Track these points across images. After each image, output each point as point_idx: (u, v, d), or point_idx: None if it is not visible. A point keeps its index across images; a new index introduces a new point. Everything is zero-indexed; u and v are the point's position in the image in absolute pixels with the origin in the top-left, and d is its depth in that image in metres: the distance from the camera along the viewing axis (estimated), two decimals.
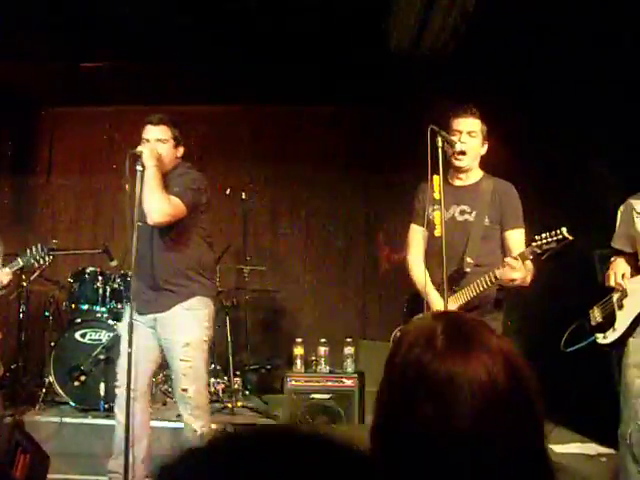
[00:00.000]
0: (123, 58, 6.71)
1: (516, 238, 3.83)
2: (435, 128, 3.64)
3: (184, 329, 4.15)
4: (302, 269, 7.39)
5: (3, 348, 6.77)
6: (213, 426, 4.25)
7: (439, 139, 3.65)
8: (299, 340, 5.55)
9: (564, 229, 3.37)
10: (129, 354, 3.85)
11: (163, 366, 4.79)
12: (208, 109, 7.54)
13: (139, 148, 4.01)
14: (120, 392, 4.12)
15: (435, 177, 3.72)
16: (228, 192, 6.52)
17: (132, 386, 3.94)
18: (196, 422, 4.21)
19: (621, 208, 3.90)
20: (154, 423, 5.20)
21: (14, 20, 5.85)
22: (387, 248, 7.43)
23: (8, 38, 6.16)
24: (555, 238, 3.38)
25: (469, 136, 3.84)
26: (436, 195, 3.74)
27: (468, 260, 3.79)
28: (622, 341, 3.71)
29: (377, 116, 7.22)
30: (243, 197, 6.60)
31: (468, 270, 3.79)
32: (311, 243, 7.44)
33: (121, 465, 3.95)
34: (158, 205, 3.95)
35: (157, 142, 4.11)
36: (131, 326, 3.86)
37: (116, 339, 5.38)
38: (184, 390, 4.16)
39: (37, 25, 6.00)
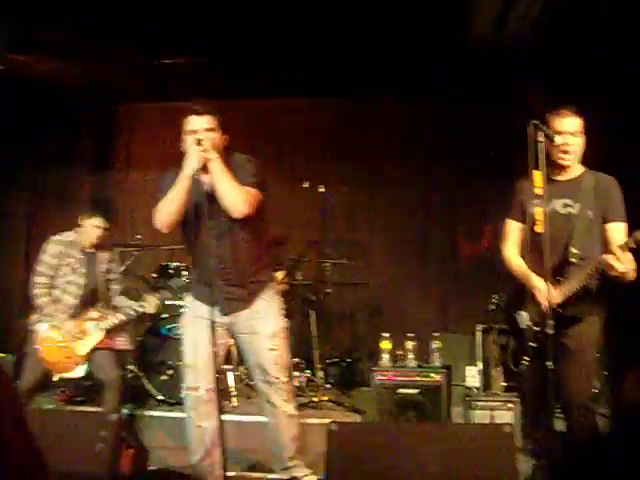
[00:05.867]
0: (199, 54, 6.75)
1: (618, 232, 3.77)
2: (537, 123, 3.57)
3: (270, 319, 4.07)
4: (382, 262, 7.36)
5: None
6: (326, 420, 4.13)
7: (540, 134, 3.58)
8: (386, 334, 5.52)
9: None
10: (214, 353, 3.73)
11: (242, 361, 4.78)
12: (286, 102, 7.55)
13: (196, 138, 3.74)
14: (195, 395, 3.98)
15: (536, 172, 3.65)
16: (306, 185, 6.49)
17: (212, 386, 3.87)
18: (289, 405, 4.19)
19: None
20: (239, 418, 5.29)
21: (95, 20, 5.96)
22: (467, 240, 7.36)
23: (86, 38, 6.28)
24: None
25: (572, 136, 3.84)
26: (537, 190, 3.68)
27: (573, 251, 3.78)
28: None
29: (457, 109, 7.14)
30: (321, 190, 6.56)
31: (574, 260, 3.78)
32: (391, 236, 7.40)
33: (210, 464, 3.97)
34: (240, 197, 3.76)
35: (206, 132, 3.81)
36: (213, 325, 3.70)
37: None
38: (277, 378, 4.08)
39: (115, 23, 6.08)
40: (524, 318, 3.95)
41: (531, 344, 3.78)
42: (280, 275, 6.42)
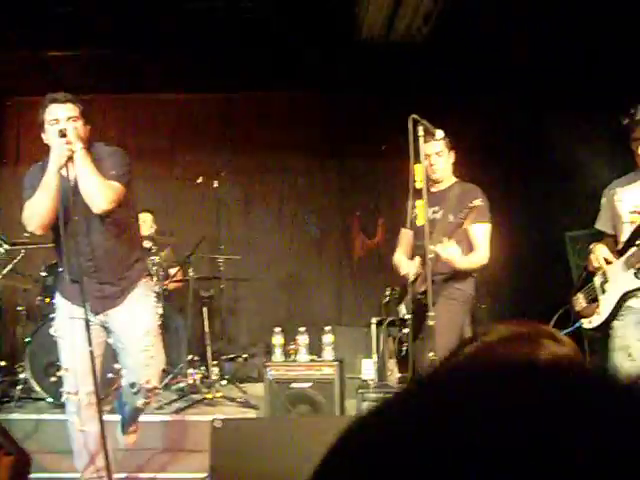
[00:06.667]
0: (90, 46, 6.61)
1: (477, 231, 4.30)
2: (416, 117, 3.68)
3: (142, 317, 3.94)
4: (277, 257, 7.37)
5: None
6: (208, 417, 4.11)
7: (420, 128, 3.70)
8: (278, 329, 5.54)
9: (476, 201, 4.00)
10: (91, 353, 3.56)
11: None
12: (178, 97, 7.46)
13: (60, 129, 3.51)
14: (76, 399, 3.81)
15: (416, 166, 3.78)
16: (199, 181, 6.44)
17: (92, 388, 3.69)
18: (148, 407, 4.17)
19: (605, 191, 4.05)
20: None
21: None
22: (361, 233, 7.44)
23: None
24: (467, 209, 4.00)
25: (437, 156, 4.37)
26: (418, 184, 3.82)
27: (432, 248, 4.06)
28: (607, 325, 3.86)
29: (350, 103, 7.20)
30: (215, 186, 6.52)
31: (431, 256, 4.04)
32: (285, 231, 7.42)
33: (96, 471, 3.85)
34: (101, 191, 3.56)
35: (69, 121, 3.58)
36: (88, 324, 3.57)
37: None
38: (147, 381, 3.96)
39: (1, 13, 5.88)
40: (402, 310, 4.18)
41: (406, 331, 3.99)
42: (174, 271, 6.37)
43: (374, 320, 6.21)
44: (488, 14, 5.83)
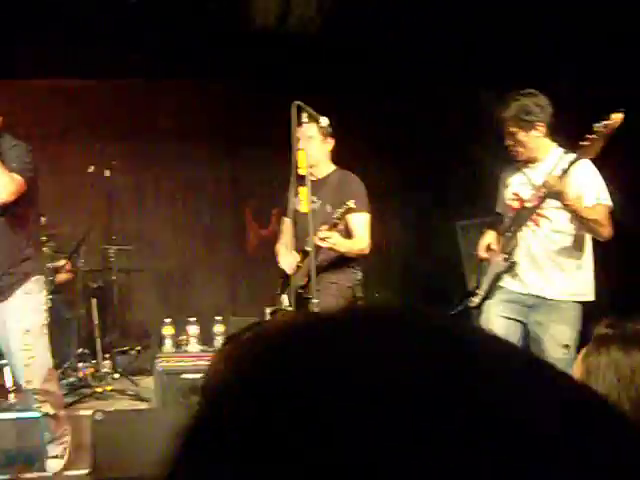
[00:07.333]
0: None
1: (355, 221, 4.23)
2: (300, 104, 3.72)
3: (25, 315, 3.87)
4: (169, 247, 7.28)
5: None
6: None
7: (304, 115, 3.75)
8: (168, 320, 5.48)
9: (349, 202, 3.96)
10: None
11: None
12: (65, 83, 7.24)
13: None
14: None
15: (300, 152, 3.82)
16: (91, 170, 6.32)
17: None
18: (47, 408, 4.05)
19: (501, 177, 4.19)
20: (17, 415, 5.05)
21: None
22: (255, 223, 7.43)
23: None
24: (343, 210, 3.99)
25: (309, 140, 4.12)
26: (301, 171, 3.86)
27: (309, 240, 4.07)
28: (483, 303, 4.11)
29: (241, 89, 7.17)
30: (106, 175, 6.40)
31: (308, 249, 4.08)
32: (177, 220, 7.34)
33: None
34: (2, 181, 3.56)
35: None
36: None
37: None
38: (28, 382, 3.91)
39: None
40: (285, 301, 4.24)
41: None
42: (62, 262, 6.21)
43: (268, 310, 6.21)
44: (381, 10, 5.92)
